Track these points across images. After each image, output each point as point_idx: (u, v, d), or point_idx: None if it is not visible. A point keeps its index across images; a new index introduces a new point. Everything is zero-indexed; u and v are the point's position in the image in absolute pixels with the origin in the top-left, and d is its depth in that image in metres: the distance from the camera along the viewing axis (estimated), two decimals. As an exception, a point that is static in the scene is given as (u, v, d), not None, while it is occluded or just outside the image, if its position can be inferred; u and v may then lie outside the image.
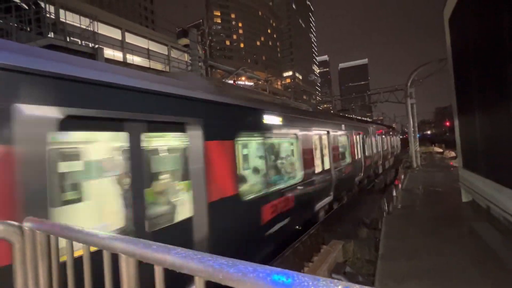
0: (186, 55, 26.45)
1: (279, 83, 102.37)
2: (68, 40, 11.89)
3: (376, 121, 34.57)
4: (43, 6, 12.06)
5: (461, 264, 4.31)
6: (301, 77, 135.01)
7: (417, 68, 19.48)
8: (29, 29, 10.77)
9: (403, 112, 22.71)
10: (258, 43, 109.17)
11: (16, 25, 10.23)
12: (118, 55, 24.81)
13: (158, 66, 26.18)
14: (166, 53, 29.39)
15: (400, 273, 4.24)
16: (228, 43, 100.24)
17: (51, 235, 1.19)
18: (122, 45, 25.85)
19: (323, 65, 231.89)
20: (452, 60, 8.53)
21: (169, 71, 23.81)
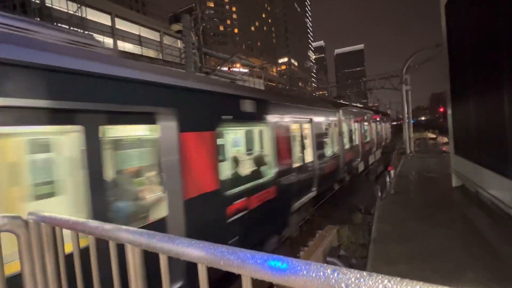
0: (179, 41, 25.80)
1: (274, 70, 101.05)
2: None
3: (352, 105, 25.52)
4: (27, -10, 11.55)
5: (451, 247, 4.52)
6: (296, 64, 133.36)
7: (412, 54, 19.40)
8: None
9: (398, 98, 22.64)
10: (253, 29, 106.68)
11: None
12: (108, 42, 24.07)
13: (150, 53, 25.56)
14: (158, 40, 28.64)
15: (391, 256, 4.43)
16: (222, 28, 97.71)
17: (56, 227, 1.22)
18: (112, 32, 25.06)
19: (319, 51, 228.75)
20: (447, 46, 8.52)
21: (162, 58, 23.28)
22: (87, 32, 11.49)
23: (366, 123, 16.74)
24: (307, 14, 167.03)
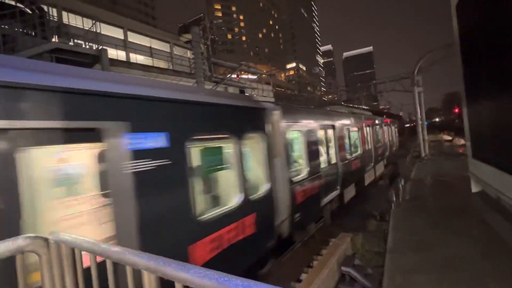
0: (188, 52, 26.41)
1: (283, 76, 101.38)
2: (72, 43, 12.04)
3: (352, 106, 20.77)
4: (46, 10, 12.18)
5: (471, 256, 4.32)
6: (304, 68, 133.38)
7: (423, 55, 19.04)
8: (34, 34, 10.92)
9: (410, 100, 22.06)
10: (260, 36, 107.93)
11: (21, 30, 10.38)
12: (121, 55, 24.95)
13: (161, 64, 26.26)
14: (168, 51, 29.42)
15: (408, 266, 4.29)
16: (230, 36, 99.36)
17: (75, 248, 1.27)
18: (125, 45, 26.00)
19: (327, 55, 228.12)
20: (460, 46, 8.33)
21: (172, 68, 23.86)
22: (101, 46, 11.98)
23: (361, 131, 11.68)
24: (314, 19, 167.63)
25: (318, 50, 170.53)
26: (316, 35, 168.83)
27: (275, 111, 5.63)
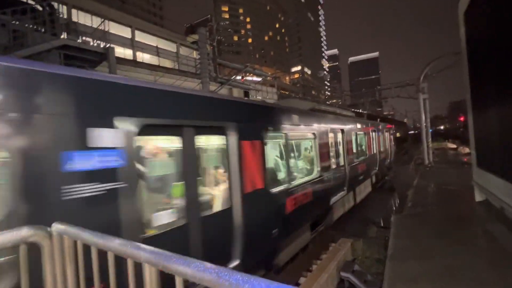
0: (195, 52, 26.57)
1: (287, 79, 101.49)
2: (80, 40, 12.19)
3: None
4: (56, 7, 12.37)
5: (474, 266, 4.26)
6: (309, 72, 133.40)
7: (430, 62, 18.96)
8: (43, 30, 11.08)
9: (415, 107, 21.94)
10: (266, 38, 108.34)
11: (31, 26, 10.54)
12: (128, 53, 25.18)
13: (167, 63, 26.46)
14: (175, 51, 29.63)
15: (409, 274, 4.23)
16: (236, 38, 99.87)
17: (78, 240, 1.28)
18: (132, 44, 26.23)
19: (333, 59, 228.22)
20: (466, 54, 8.28)
21: (177, 68, 24.01)
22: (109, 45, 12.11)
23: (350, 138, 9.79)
24: (320, 23, 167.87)
25: (323, 54, 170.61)
26: (322, 39, 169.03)
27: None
